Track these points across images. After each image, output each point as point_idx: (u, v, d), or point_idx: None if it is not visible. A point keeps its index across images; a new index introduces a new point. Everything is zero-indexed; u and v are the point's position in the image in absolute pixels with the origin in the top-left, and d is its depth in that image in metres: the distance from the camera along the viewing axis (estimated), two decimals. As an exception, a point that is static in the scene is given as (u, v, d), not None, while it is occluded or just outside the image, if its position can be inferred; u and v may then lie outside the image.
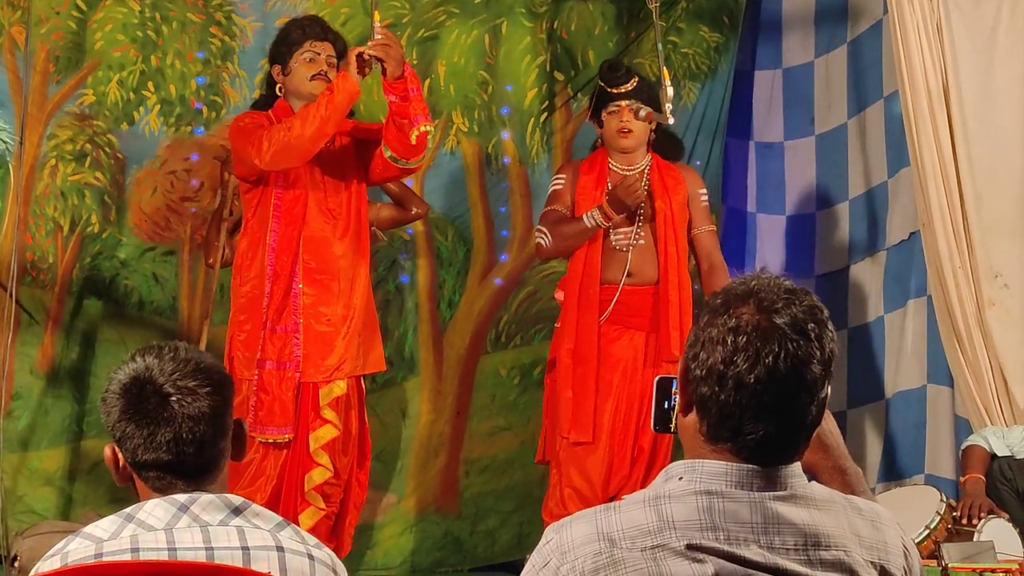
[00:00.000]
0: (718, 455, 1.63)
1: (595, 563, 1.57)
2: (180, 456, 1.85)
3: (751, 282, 1.65)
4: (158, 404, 1.85)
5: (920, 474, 5.34)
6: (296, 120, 4.23)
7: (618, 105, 4.76)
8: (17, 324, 4.93)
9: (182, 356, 1.88)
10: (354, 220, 4.48)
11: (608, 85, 4.79)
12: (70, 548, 1.77)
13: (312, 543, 1.85)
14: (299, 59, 4.46)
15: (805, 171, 6.14)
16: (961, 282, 4.93)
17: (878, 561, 1.63)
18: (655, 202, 4.78)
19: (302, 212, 4.38)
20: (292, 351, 4.32)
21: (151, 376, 1.85)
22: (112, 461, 1.91)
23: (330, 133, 4.29)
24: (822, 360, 1.62)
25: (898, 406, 5.51)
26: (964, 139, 4.93)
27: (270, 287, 4.33)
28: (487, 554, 5.73)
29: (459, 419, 5.74)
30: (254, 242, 4.38)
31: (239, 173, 4.49)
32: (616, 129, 4.76)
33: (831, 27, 6.07)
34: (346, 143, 4.52)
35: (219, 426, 1.88)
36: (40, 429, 5.10)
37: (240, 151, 4.33)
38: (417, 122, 4.27)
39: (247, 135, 4.30)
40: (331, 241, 4.41)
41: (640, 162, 4.85)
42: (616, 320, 4.72)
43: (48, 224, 5.16)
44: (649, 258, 4.75)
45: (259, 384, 4.29)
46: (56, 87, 5.17)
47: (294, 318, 4.33)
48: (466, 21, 5.73)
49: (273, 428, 4.28)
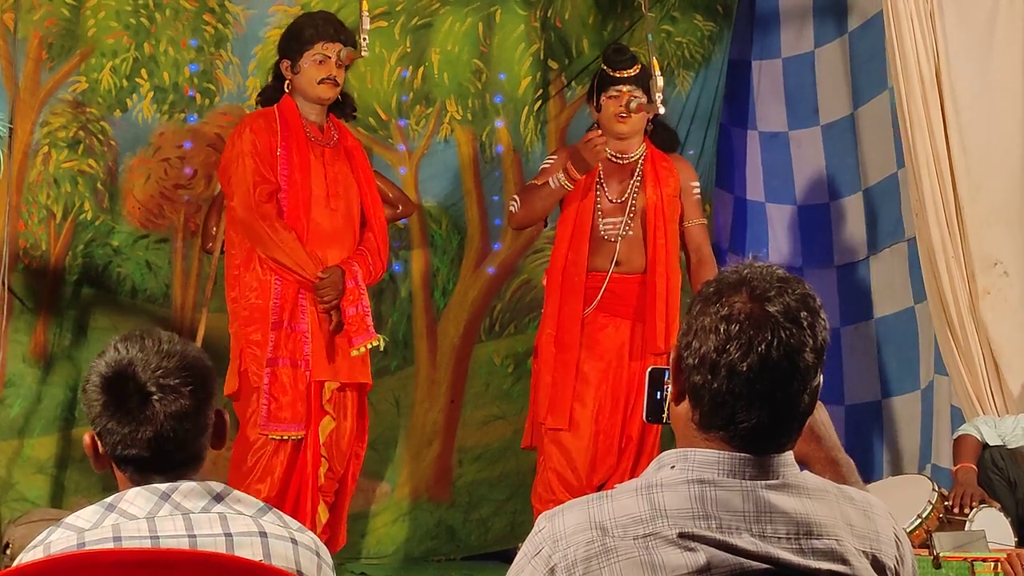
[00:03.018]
0: (710, 444, 1.63)
1: (587, 551, 1.57)
2: (160, 454, 1.84)
3: (743, 270, 1.65)
4: (140, 402, 1.83)
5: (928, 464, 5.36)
6: (277, 241, 4.31)
7: (619, 90, 4.74)
8: (10, 312, 4.91)
9: (166, 349, 1.85)
10: (355, 220, 4.53)
11: (612, 69, 4.76)
12: (52, 539, 1.76)
13: (295, 527, 1.85)
14: (309, 59, 4.48)
15: (813, 161, 6.13)
16: (954, 272, 4.94)
17: (870, 550, 1.63)
18: (646, 192, 4.77)
19: (307, 211, 4.40)
20: (303, 350, 4.34)
21: (134, 372, 1.83)
22: (91, 448, 1.90)
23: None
24: (815, 348, 1.62)
25: (927, 396, 5.54)
26: (958, 129, 4.93)
27: (280, 289, 4.33)
28: (480, 542, 5.74)
29: (453, 408, 5.75)
30: (249, 257, 4.40)
31: (225, 192, 4.53)
32: (615, 113, 4.75)
33: (830, 17, 6.06)
34: (350, 154, 4.56)
35: (201, 422, 1.88)
36: (32, 417, 5.09)
37: (237, 195, 4.38)
38: (355, 344, 4.41)
39: (246, 185, 4.35)
40: (334, 241, 4.45)
41: (635, 150, 4.84)
42: (604, 308, 4.72)
43: (41, 211, 5.15)
44: (638, 248, 4.75)
45: (273, 382, 4.30)
46: (49, 74, 5.15)
47: (303, 318, 4.35)
48: (460, 9, 5.72)
49: (288, 425, 4.31)
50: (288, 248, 4.32)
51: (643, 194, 4.77)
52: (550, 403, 4.65)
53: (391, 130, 5.66)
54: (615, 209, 4.74)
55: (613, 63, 4.77)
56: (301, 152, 4.44)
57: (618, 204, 4.76)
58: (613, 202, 4.77)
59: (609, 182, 4.78)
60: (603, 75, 4.79)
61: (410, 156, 5.69)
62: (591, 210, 4.74)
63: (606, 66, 4.80)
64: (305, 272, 4.33)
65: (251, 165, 4.37)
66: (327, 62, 4.48)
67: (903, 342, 5.73)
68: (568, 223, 4.75)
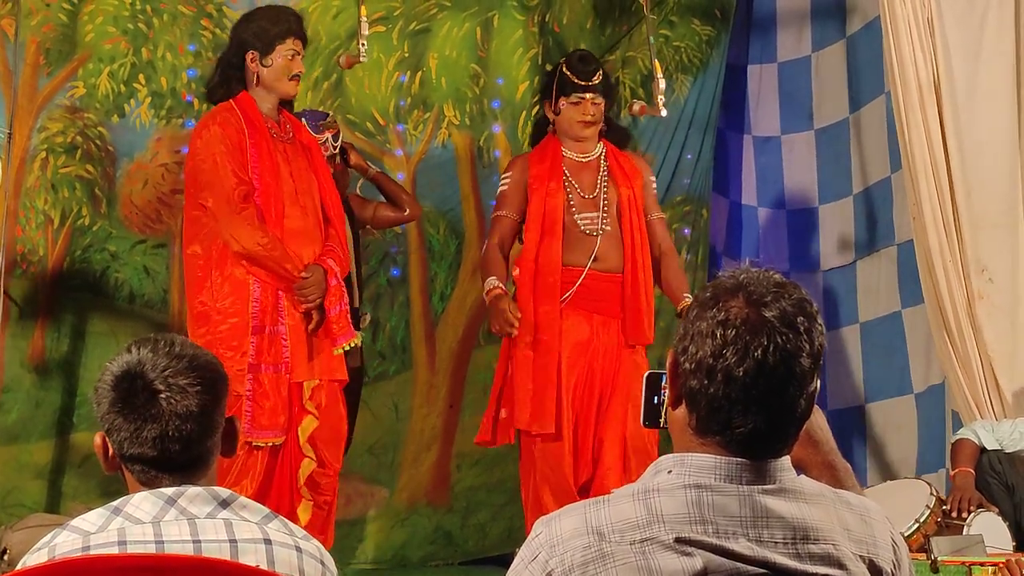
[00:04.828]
0: (707, 448, 1.63)
1: (584, 557, 1.57)
2: (165, 453, 1.85)
3: (740, 275, 1.65)
4: (147, 400, 1.85)
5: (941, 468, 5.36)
6: (262, 241, 4.23)
7: (581, 97, 4.72)
8: (7, 317, 4.91)
9: (177, 351, 1.88)
10: (319, 216, 4.45)
11: (577, 77, 4.74)
12: (57, 541, 1.77)
13: (300, 535, 1.85)
14: (281, 53, 4.38)
15: (805, 166, 6.14)
16: (951, 276, 4.94)
17: (867, 555, 1.63)
18: (618, 189, 4.75)
19: (280, 209, 4.34)
20: (283, 354, 4.30)
21: (143, 371, 1.86)
22: (101, 449, 1.92)
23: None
24: (811, 353, 1.62)
25: (924, 401, 5.54)
26: (955, 133, 4.95)
27: (259, 292, 4.30)
28: (478, 547, 5.74)
29: (451, 413, 5.74)
30: (222, 259, 4.29)
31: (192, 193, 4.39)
32: (578, 120, 4.73)
33: (827, 22, 6.07)
34: (308, 149, 4.50)
35: (208, 424, 1.88)
36: (30, 422, 5.09)
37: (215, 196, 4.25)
38: (339, 343, 4.37)
39: (225, 186, 4.24)
40: (306, 239, 4.38)
41: (594, 149, 4.83)
42: (577, 304, 4.67)
43: (38, 217, 5.15)
44: (615, 244, 4.71)
45: (256, 388, 4.26)
46: (47, 79, 5.16)
47: (282, 320, 4.31)
48: (458, 14, 5.73)
49: (269, 431, 4.26)
50: (271, 249, 4.24)
51: (612, 188, 4.75)
52: (532, 408, 4.55)
53: (389, 135, 5.67)
54: (589, 204, 4.72)
55: (580, 72, 4.73)
56: (268, 149, 4.35)
57: (591, 199, 4.73)
58: (585, 197, 4.73)
59: (577, 178, 4.76)
60: (564, 79, 4.73)
61: (408, 161, 5.69)
62: (561, 206, 4.68)
63: (570, 72, 4.74)
64: (289, 272, 4.27)
65: (226, 166, 4.25)
66: (296, 58, 4.40)
67: (890, 347, 5.73)
68: (536, 221, 4.68)
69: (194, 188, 4.35)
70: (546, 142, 4.84)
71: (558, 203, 4.69)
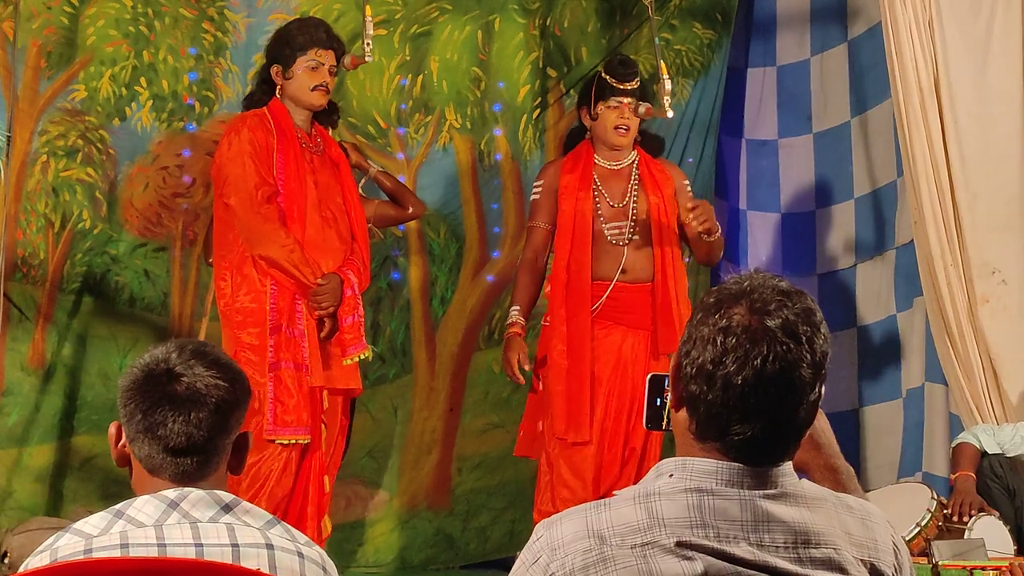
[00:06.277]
0: (707, 453, 1.63)
1: (585, 560, 1.57)
2: (177, 437, 1.86)
3: (745, 282, 1.64)
4: (167, 381, 1.88)
5: (919, 472, 5.35)
6: (279, 242, 4.25)
7: (620, 101, 4.69)
8: (7, 320, 4.91)
9: (203, 350, 1.92)
10: (344, 230, 4.48)
11: (616, 80, 4.72)
12: (59, 544, 1.77)
13: (303, 541, 1.85)
14: (303, 65, 4.42)
15: (802, 169, 6.14)
16: (953, 280, 4.95)
17: (868, 559, 1.63)
18: (648, 197, 4.74)
19: (303, 216, 4.36)
20: (301, 352, 4.31)
21: (167, 358, 1.90)
22: (114, 439, 1.94)
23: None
24: (812, 363, 1.61)
25: (910, 404, 5.54)
26: (956, 137, 4.95)
27: (275, 294, 4.30)
28: (479, 551, 5.73)
29: (451, 416, 5.74)
30: (241, 260, 4.32)
31: (219, 192, 4.42)
32: (614, 125, 4.71)
33: (828, 25, 6.07)
34: (336, 165, 4.53)
35: (223, 420, 1.89)
36: (31, 425, 5.09)
37: (237, 194, 4.28)
38: (349, 353, 4.39)
39: (247, 185, 4.26)
40: (326, 249, 4.40)
41: (627, 157, 4.82)
42: (605, 316, 4.68)
43: (39, 220, 5.15)
44: (644, 254, 4.70)
45: (277, 385, 4.24)
46: (48, 82, 5.15)
47: (299, 323, 4.32)
48: (459, 17, 5.73)
49: (293, 428, 4.25)
50: (289, 251, 4.26)
51: (643, 197, 4.74)
52: (567, 416, 4.56)
53: (390, 138, 5.67)
54: (617, 213, 4.71)
55: (619, 75, 4.70)
56: (296, 156, 4.38)
57: (619, 208, 4.72)
58: (614, 206, 4.73)
59: (607, 186, 4.76)
60: (603, 84, 4.71)
61: (408, 164, 5.69)
62: (590, 214, 4.68)
63: (609, 76, 4.72)
64: (305, 276, 4.28)
65: (251, 166, 4.29)
66: (320, 68, 4.42)
67: (885, 350, 5.73)
68: (566, 231, 4.69)
69: (220, 187, 4.38)
70: (579, 148, 4.81)
71: (586, 210, 4.68)
